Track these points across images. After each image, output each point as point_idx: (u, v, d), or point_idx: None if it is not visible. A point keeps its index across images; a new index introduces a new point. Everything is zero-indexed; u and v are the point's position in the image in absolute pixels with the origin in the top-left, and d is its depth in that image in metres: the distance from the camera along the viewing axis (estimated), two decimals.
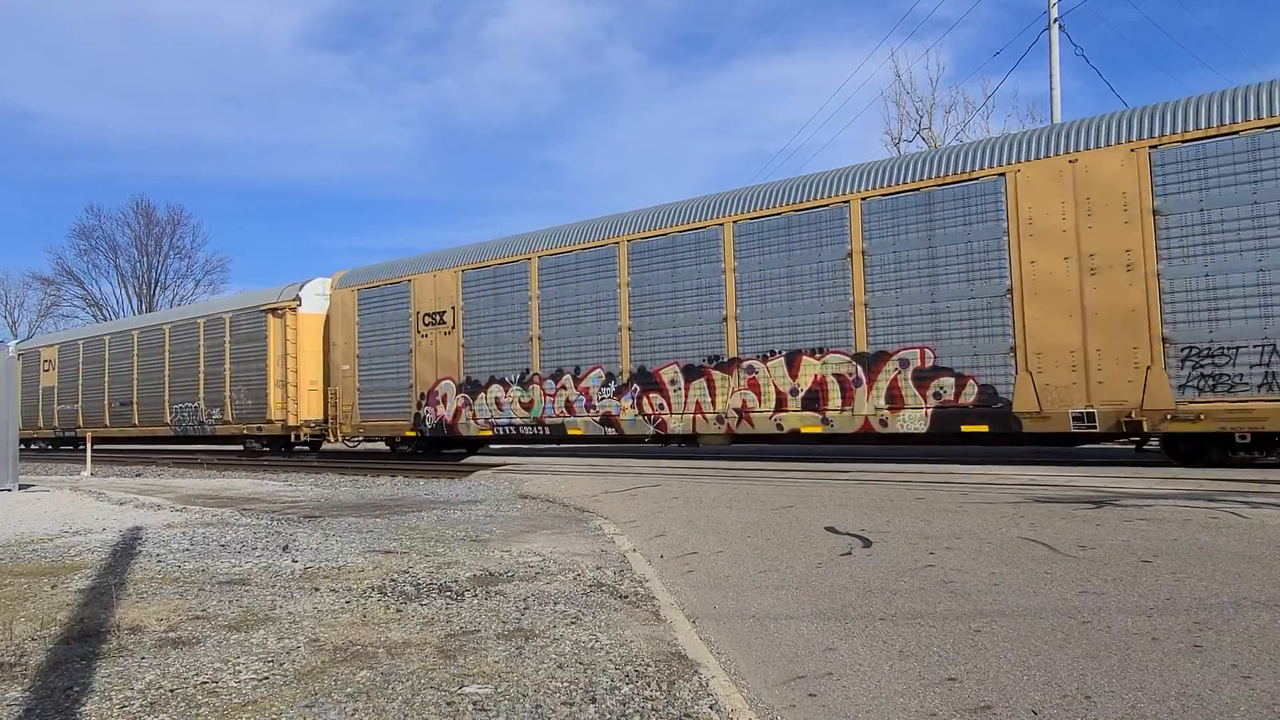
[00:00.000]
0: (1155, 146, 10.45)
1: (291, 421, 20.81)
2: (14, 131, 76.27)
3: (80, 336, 29.31)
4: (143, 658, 3.66)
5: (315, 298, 20.94)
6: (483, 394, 16.87)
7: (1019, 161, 11.42)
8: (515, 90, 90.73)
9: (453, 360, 17.38)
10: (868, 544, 6.10)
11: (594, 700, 3.09)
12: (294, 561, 5.95)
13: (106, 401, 26.91)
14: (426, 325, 17.97)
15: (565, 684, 3.27)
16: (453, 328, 17.46)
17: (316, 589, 5.01)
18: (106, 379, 27.01)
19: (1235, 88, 10.22)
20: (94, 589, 5.10)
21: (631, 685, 3.26)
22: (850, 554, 5.82)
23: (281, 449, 22.26)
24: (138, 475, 17.19)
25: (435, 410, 17.62)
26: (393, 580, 5.23)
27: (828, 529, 6.78)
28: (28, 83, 77.80)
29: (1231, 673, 3.30)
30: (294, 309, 20.93)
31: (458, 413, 17.21)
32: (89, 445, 19.67)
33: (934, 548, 5.83)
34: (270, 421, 21.21)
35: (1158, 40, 57.89)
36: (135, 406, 25.79)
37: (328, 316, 20.53)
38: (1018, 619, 4.13)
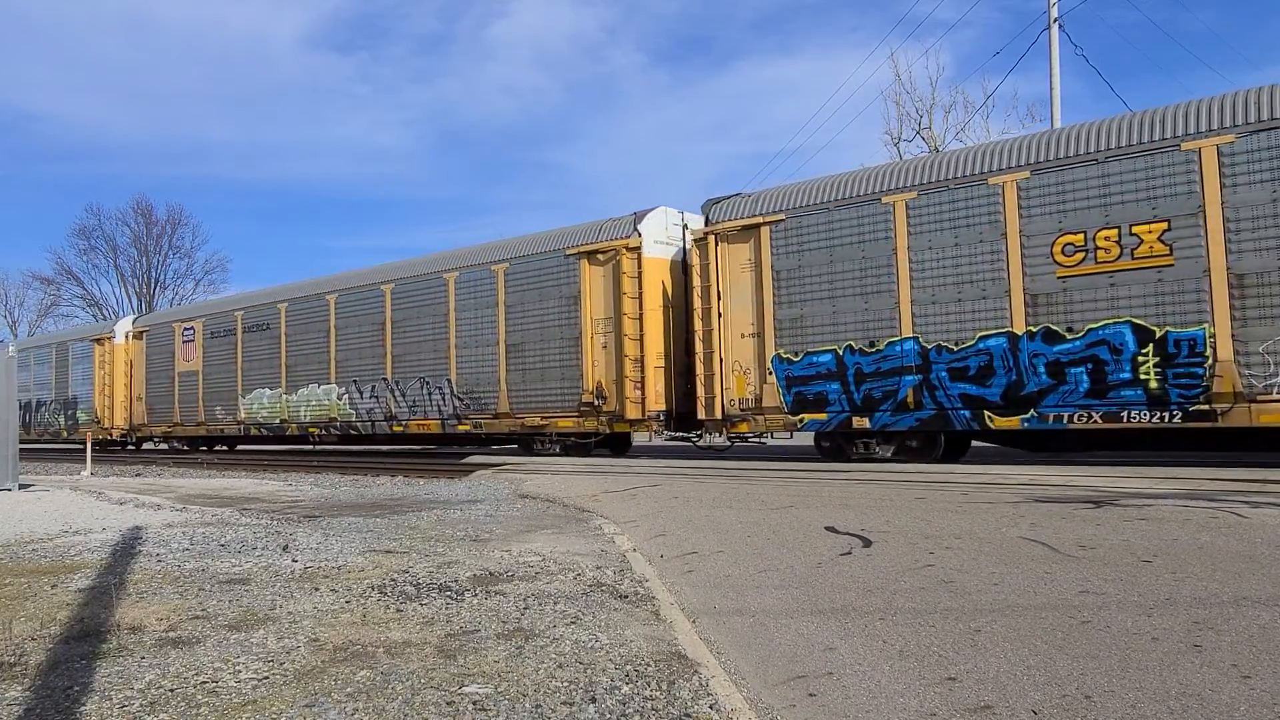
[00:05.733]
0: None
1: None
2: (15, 132, 76.35)
3: None
4: (143, 657, 3.66)
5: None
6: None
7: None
8: (518, 91, 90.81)
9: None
10: (868, 544, 6.10)
11: (594, 700, 3.09)
12: (294, 561, 5.94)
13: None
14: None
15: (565, 684, 3.27)
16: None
17: (316, 589, 5.01)
18: None
19: None
20: (94, 588, 5.10)
21: (631, 685, 3.26)
22: (850, 554, 5.82)
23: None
24: (137, 475, 17.19)
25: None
26: (393, 580, 5.23)
27: (828, 529, 6.77)
28: (30, 84, 77.93)
29: (1231, 673, 3.29)
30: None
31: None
32: (89, 445, 19.74)
33: (934, 547, 5.83)
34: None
35: (1158, 41, 57.93)
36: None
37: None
38: (1018, 618, 4.13)
